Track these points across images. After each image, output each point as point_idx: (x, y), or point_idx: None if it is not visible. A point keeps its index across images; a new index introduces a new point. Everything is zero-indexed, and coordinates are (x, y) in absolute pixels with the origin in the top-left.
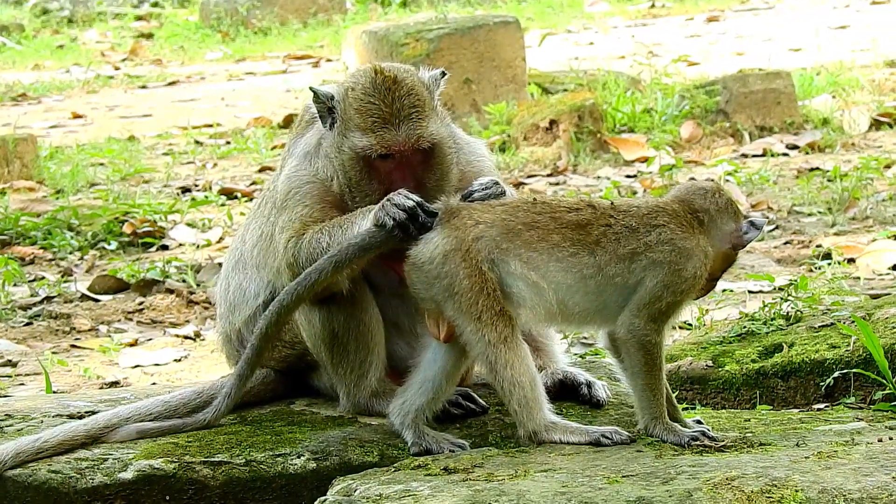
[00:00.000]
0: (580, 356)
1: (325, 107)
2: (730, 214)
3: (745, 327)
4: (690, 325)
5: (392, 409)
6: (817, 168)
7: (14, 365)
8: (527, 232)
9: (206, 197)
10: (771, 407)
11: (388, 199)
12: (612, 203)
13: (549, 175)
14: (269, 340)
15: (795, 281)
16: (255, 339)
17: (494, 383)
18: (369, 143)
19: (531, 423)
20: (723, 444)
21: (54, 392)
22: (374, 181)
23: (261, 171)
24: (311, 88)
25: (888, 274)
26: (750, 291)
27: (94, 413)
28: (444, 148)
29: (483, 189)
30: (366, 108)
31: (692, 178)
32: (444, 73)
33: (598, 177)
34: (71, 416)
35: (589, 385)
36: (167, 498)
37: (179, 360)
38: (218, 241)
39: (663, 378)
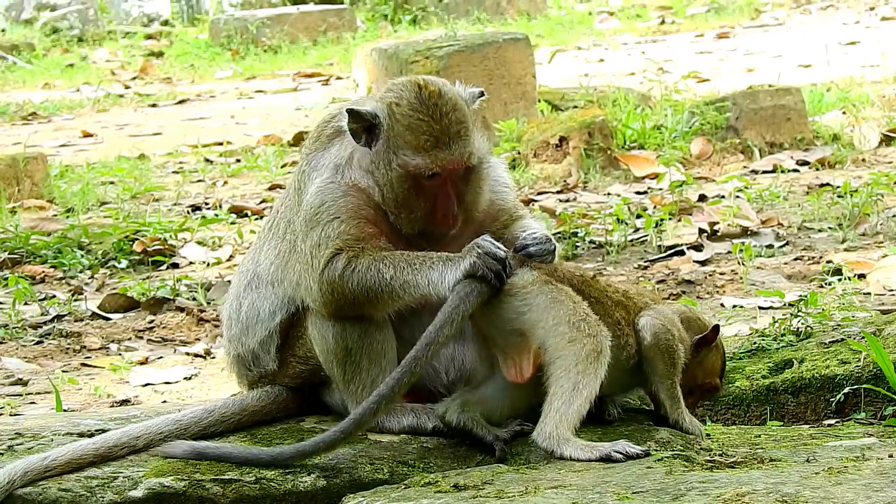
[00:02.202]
0: None
1: (363, 126)
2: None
3: (755, 343)
4: None
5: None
6: (827, 184)
7: (24, 384)
8: (596, 304)
9: (217, 215)
10: (781, 423)
11: (479, 248)
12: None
13: (559, 192)
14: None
15: (806, 297)
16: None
17: (562, 378)
18: (423, 162)
19: (557, 429)
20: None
21: (64, 410)
22: (420, 199)
23: (271, 188)
24: (349, 110)
25: None
26: (760, 307)
27: (104, 431)
28: (485, 164)
29: (537, 244)
30: (416, 125)
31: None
32: (482, 94)
33: (608, 193)
34: (81, 435)
35: (600, 401)
36: None
37: (190, 378)
38: (228, 259)
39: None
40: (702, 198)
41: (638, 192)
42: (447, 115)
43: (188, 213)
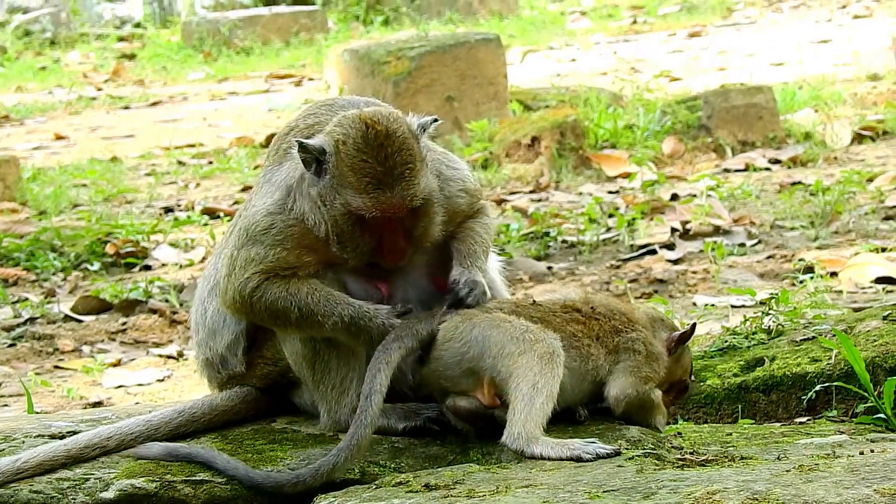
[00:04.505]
0: None
1: (313, 156)
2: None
3: (726, 341)
4: None
5: None
6: (799, 182)
7: None
8: (541, 322)
9: (189, 217)
10: (753, 421)
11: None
12: (592, 307)
13: (531, 191)
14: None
15: (777, 295)
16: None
17: (521, 383)
18: (364, 203)
19: (525, 428)
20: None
21: (36, 413)
22: (365, 235)
23: (243, 190)
24: (298, 142)
25: (870, 287)
26: (732, 306)
27: (75, 433)
28: (433, 201)
29: (469, 294)
30: (360, 166)
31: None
32: (435, 120)
33: (581, 193)
34: (53, 437)
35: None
36: None
37: (163, 380)
38: (201, 261)
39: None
40: (674, 197)
41: (610, 192)
42: (392, 157)
43: (161, 215)
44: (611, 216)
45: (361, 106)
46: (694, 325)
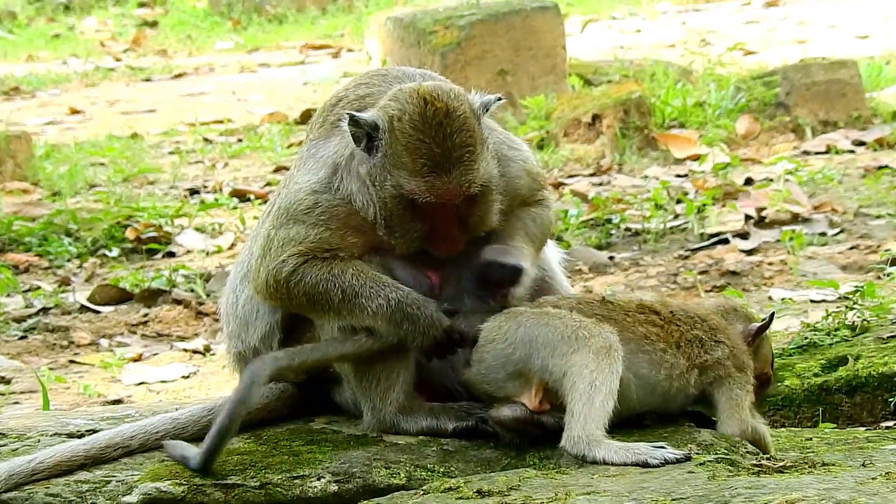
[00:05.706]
0: None
1: (364, 131)
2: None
3: (806, 338)
4: None
5: None
6: (886, 166)
7: (7, 382)
8: (606, 321)
9: (217, 199)
10: (835, 425)
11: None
12: (671, 311)
13: (591, 174)
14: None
15: (862, 288)
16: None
17: (576, 382)
18: (418, 187)
19: (585, 430)
20: None
21: (52, 410)
22: (416, 220)
23: (276, 171)
24: (349, 114)
25: None
26: (812, 300)
27: (95, 431)
28: (491, 188)
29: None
30: (415, 146)
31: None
32: (499, 98)
33: (646, 176)
34: (70, 435)
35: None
36: None
37: (188, 377)
38: (230, 248)
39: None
40: (748, 181)
41: (678, 175)
42: (451, 138)
43: (185, 197)
44: (679, 202)
45: (418, 78)
46: (772, 315)
